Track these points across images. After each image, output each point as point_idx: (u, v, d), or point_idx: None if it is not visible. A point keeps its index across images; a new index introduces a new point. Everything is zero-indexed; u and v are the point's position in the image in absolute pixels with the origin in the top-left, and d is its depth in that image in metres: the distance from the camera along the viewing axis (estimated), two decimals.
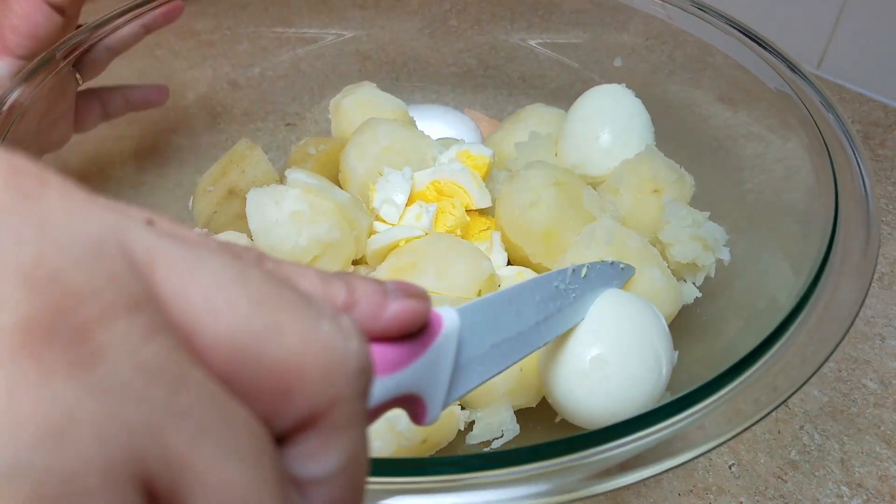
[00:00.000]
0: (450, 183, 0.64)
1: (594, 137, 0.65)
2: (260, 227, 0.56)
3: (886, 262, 0.76)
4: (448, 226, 0.62)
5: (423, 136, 0.68)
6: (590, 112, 0.67)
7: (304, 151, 0.71)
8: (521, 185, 0.60)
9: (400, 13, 0.83)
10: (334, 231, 0.57)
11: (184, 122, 0.76)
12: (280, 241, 0.55)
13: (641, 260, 0.54)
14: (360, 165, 0.65)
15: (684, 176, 0.63)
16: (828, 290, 0.45)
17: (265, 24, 0.68)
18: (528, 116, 0.74)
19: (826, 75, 0.98)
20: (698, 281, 0.59)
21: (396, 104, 0.75)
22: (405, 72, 0.84)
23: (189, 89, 0.77)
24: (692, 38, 0.69)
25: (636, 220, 0.61)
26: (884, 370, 0.66)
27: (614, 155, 0.65)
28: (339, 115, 0.75)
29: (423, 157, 0.66)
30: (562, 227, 0.58)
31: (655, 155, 0.63)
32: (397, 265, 0.56)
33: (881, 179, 0.85)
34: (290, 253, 0.55)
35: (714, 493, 0.58)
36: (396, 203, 0.61)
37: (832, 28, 0.94)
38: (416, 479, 0.35)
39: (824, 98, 0.58)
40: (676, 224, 0.58)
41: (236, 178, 0.66)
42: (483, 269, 0.55)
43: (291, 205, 0.56)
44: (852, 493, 0.58)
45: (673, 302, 0.55)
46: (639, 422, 0.37)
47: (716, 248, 0.58)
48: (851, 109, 0.94)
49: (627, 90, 0.67)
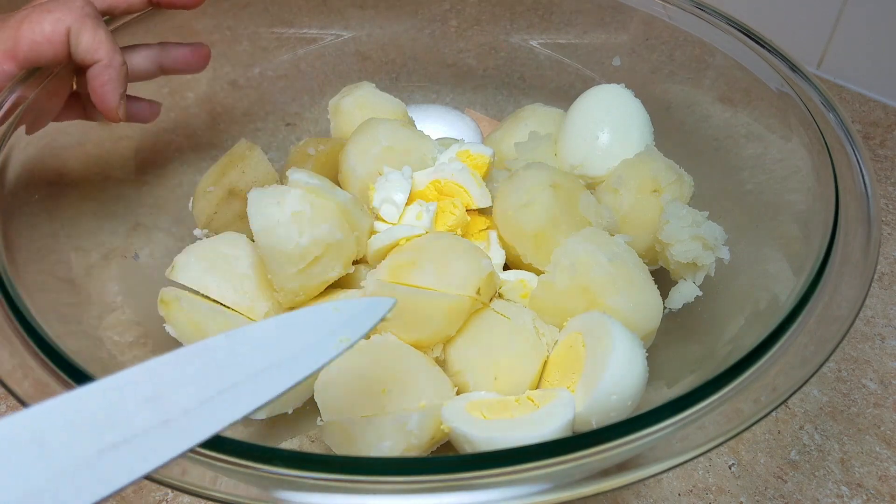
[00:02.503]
0: (450, 182, 0.64)
1: (594, 138, 0.65)
2: (261, 228, 0.55)
3: (886, 262, 0.77)
4: (449, 225, 0.62)
5: (422, 136, 0.68)
6: (589, 112, 0.67)
7: (303, 152, 0.71)
8: (518, 185, 0.60)
9: (400, 13, 0.83)
10: (336, 231, 0.57)
11: (184, 121, 0.76)
12: (281, 242, 0.55)
13: (605, 290, 0.54)
14: (360, 166, 0.65)
15: (683, 176, 0.63)
16: (828, 291, 0.45)
17: (265, 24, 0.68)
18: (527, 116, 0.74)
19: (826, 75, 0.98)
20: (698, 280, 0.59)
21: (395, 104, 0.75)
22: (405, 72, 0.84)
23: (189, 89, 0.77)
24: (692, 38, 0.69)
25: (636, 221, 0.62)
26: (884, 370, 0.66)
27: (614, 155, 0.65)
28: (338, 115, 0.75)
29: (423, 156, 0.66)
30: (554, 229, 0.58)
31: (655, 155, 0.63)
32: (397, 262, 0.56)
33: (881, 179, 0.85)
34: (291, 253, 0.55)
35: (714, 493, 0.58)
36: (396, 202, 0.61)
37: (832, 28, 0.94)
38: (417, 479, 0.35)
39: (825, 98, 0.58)
40: (676, 224, 0.58)
41: (236, 179, 0.66)
42: (482, 268, 0.55)
43: (293, 205, 0.56)
44: (852, 493, 0.58)
45: (650, 320, 0.55)
46: (639, 422, 0.37)
47: (716, 247, 0.58)
48: (851, 109, 0.94)
49: (626, 90, 0.67)
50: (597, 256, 0.55)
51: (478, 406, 0.51)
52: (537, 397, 0.51)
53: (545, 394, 0.51)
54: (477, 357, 0.54)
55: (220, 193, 0.66)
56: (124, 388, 0.29)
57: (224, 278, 0.60)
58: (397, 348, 0.54)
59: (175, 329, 0.58)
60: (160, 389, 0.29)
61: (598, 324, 0.52)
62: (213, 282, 0.60)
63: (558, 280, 0.56)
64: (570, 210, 0.59)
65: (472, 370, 0.54)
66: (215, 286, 0.60)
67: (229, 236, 0.63)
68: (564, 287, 0.56)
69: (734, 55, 0.65)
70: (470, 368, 0.54)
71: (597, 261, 0.55)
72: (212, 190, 0.66)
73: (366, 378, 0.51)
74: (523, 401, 0.51)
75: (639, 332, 0.54)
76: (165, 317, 0.59)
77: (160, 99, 0.75)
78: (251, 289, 0.60)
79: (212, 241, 0.63)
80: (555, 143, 0.70)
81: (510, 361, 0.54)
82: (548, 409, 0.49)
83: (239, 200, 0.64)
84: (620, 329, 0.50)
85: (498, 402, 0.51)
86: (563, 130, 0.69)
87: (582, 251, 0.55)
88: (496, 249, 0.62)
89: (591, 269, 0.55)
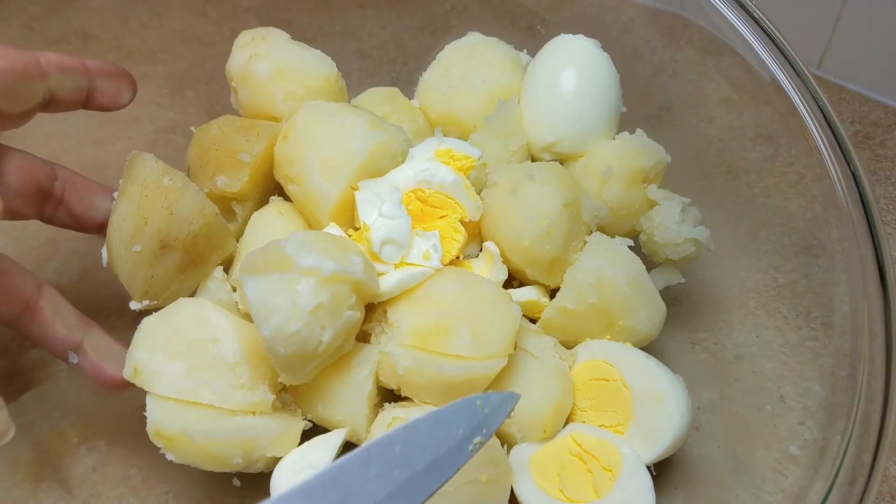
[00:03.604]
0: (437, 194, 0.56)
1: (568, 110, 0.60)
2: (276, 335, 0.45)
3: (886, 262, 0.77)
4: (453, 254, 0.56)
5: (393, 129, 0.58)
6: (557, 77, 0.61)
7: (232, 154, 0.57)
8: (528, 208, 0.55)
9: (400, 13, 0.83)
10: (356, 313, 0.49)
11: (183, 121, 0.76)
12: (302, 346, 0.46)
13: (624, 312, 0.55)
14: (333, 189, 0.55)
15: (665, 159, 0.62)
16: None
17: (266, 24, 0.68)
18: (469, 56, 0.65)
19: (826, 75, 0.98)
20: (683, 268, 0.61)
21: (324, 63, 0.61)
22: (405, 72, 0.84)
23: (189, 89, 0.77)
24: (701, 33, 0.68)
25: (623, 210, 0.61)
26: None
27: (591, 129, 0.61)
28: (248, 86, 0.61)
29: (395, 153, 0.57)
30: (567, 249, 0.56)
31: (642, 142, 0.60)
32: (424, 327, 0.50)
33: (881, 179, 0.85)
34: (312, 353, 0.47)
35: None
36: (400, 243, 0.53)
37: (832, 28, 0.94)
38: None
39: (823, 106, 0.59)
40: (670, 226, 0.58)
41: (165, 225, 0.51)
42: (515, 318, 0.51)
43: (309, 300, 0.45)
44: None
45: (658, 326, 0.57)
46: None
47: (706, 244, 0.59)
48: (851, 109, 0.94)
49: (593, 43, 0.62)
50: (616, 279, 0.54)
51: (545, 473, 0.50)
52: (596, 450, 0.50)
53: (602, 445, 0.51)
54: (523, 411, 0.51)
55: (149, 251, 0.51)
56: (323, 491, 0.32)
57: (214, 374, 0.49)
58: None
59: (181, 457, 0.50)
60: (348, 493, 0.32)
61: (643, 370, 0.53)
62: (202, 385, 0.48)
63: (577, 304, 0.55)
64: (577, 223, 0.57)
65: (518, 424, 0.52)
66: (208, 391, 0.48)
67: (187, 309, 0.51)
68: (584, 311, 0.55)
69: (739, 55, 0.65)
70: (516, 423, 0.52)
71: (616, 283, 0.54)
72: (138, 250, 0.51)
73: None
74: (585, 457, 0.50)
75: (649, 338, 0.56)
76: (167, 449, 0.50)
77: (160, 100, 0.75)
78: (247, 377, 0.50)
79: (168, 322, 0.50)
80: (518, 105, 0.64)
81: (553, 408, 0.52)
82: (627, 480, 0.49)
83: (177, 253, 0.52)
84: (670, 379, 0.52)
85: (564, 465, 0.50)
86: (529, 98, 0.62)
87: (601, 273, 0.54)
88: (499, 267, 0.57)
89: (611, 292, 0.54)
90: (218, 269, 0.56)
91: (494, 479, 0.48)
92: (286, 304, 0.45)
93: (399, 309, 0.52)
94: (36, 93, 0.49)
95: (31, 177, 0.51)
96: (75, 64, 0.51)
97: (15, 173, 0.51)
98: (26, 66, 0.48)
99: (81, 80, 0.51)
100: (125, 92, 0.54)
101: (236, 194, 0.58)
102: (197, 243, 0.53)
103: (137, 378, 0.49)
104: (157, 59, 0.76)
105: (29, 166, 0.51)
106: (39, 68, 0.49)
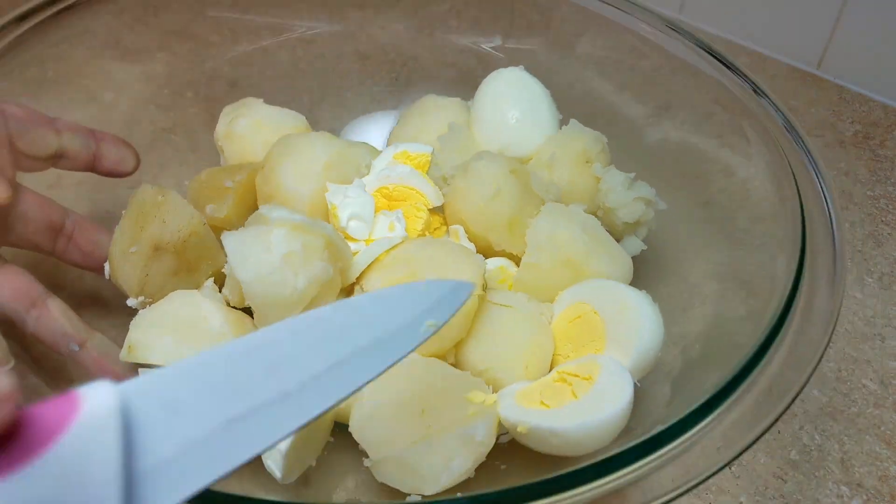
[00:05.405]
0: (400, 187, 0.63)
1: (511, 119, 0.69)
2: (253, 277, 0.50)
3: (886, 262, 0.77)
4: (419, 229, 0.61)
5: (355, 143, 0.67)
6: (499, 96, 0.70)
7: (216, 185, 0.64)
8: (478, 178, 0.61)
9: (400, 13, 0.83)
10: (328, 267, 0.53)
11: (183, 122, 0.76)
12: (277, 288, 0.50)
13: (587, 258, 0.58)
14: (303, 185, 0.61)
15: (605, 144, 0.68)
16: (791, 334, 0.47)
17: (265, 24, 0.68)
18: (428, 108, 0.73)
19: (826, 75, 0.98)
20: (641, 234, 0.65)
21: (295, 117, 0.72)
22: (405, 71, 0.84)
23: (189, 89, 0.77)
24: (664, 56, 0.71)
25: (574, 191, 0.66)
26: (884, 370, 0.67)
27: (535, 133, 0.69)
28: (232, 142, 0.69)
29: (358, 165, 0.65)
30: (523, 213, 0.61)
31: (580, 129, 0.68)
32: (393, 278, 0.54)
33: (881, 180, 0.85)
34: (289, 298, 0.51)
35: (714, 493, 0.58)
36: (365, 218, 0.59)
37: (832, 28, 0.94)
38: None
39: (787, 120, 0.61)
40: (618, 190, 0.63)
41: (159, 231, 0.57)
42: (479, 263, 0.56)
43: (281, 246, 0.51)
44: (852, 493, 0.58)
45: (627, 273, 0.60)
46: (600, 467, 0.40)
47: (654, 202, 0.64)
48: (851, 109, 0.94)
49: (525, 72, 0.71)
50: (572, 229, 0.59)
51: (528, 397, 0.51)
52: (577, 370, 0.52)
53: (581, 366, 0.52)
54: (502, 351, 0.54)
55: (144, 252, 0.57)
56: (250, 354, 0.29)
57: (201, 343, 0.53)
58: (420, 365, 0.52)
59: None
60: (279, 360, 0.29)
61: (608, 293, 0.56)
62: (189, 352, 0.53)
63: (542, 259, 0.58)
64: (529, 192, 0.62)
65: (500, 365, 0.54)
66: None
67: (179, 297, 0.56)
68: (549, 265, 0.58)
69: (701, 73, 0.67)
70: (498, 364, 0.54)
71: (573, 234, 0.59)
72: (134, 251, 0.57)
73: (402, 404, 0.49)
74: (567, 377, 0.51)
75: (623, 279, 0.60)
76: None
77: (160, 99, 0.75)
78: None
79: (160, 309, 0.55)
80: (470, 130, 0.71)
81: (533, 347, 0.55)
82: (605, 378, 0.50)
83: (170, 255, 0.57)
84: (635, 293, 0.55)
85: (545, 388, 0.51)
86: (476, 118, 0.71)
87: (556, 227, 0.59)
88: (466, 243, 0.62)
89: (571, 243, 0.58)
90: (209, 280, 0.59)
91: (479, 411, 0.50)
92: (261, 250, 0.50)
93: (371, 278, 0.56)
94: (50, 144, 0.55)
95: (47, 214, 0.57)
96: (83, 128, 0.58)
97: (34, 210, 0.56)
98: (41, 118, 0.55)
99: (89, 142, 0.58)
100: (129, 159, 0.61)
101: (224, 220, 0.63)
102: (187, 248, 0.58)
103: (132, 354, 0.53)
104: (157, 59, 0.76)
105: (45, 204, 0.57)
106: (52, 123, 0.56)
